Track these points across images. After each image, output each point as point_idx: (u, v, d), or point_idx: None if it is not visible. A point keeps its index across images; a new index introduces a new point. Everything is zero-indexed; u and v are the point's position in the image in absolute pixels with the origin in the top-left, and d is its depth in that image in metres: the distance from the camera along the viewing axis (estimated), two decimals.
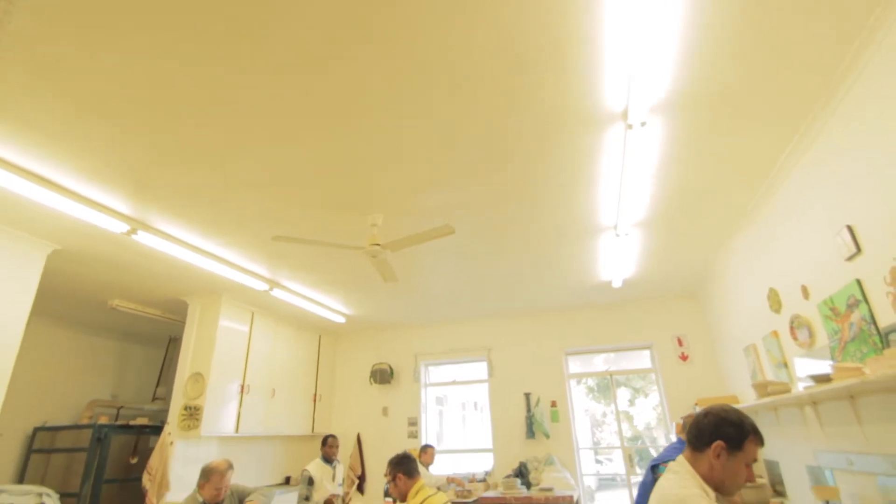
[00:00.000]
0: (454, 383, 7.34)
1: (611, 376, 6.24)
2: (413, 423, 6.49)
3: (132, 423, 5.38)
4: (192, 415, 4.72)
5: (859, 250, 2.32)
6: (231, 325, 5.27)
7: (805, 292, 2.94)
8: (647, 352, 6.16)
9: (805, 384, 2.77)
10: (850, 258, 2.40)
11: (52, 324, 5.71)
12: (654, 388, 6.05)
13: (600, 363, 7.05)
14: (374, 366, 6.81)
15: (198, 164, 2.84)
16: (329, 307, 5.84)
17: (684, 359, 5.70)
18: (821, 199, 2.66)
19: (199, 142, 2.63)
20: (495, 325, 6.59)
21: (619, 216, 3.62)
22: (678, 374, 5.63)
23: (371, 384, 6.79)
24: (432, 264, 4.58)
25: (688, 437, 1.51)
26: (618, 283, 5.24)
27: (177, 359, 5.15)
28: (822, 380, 2.24)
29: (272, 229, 3.67)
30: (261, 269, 4.54)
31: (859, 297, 2.34)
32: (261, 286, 4.79)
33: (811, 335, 2.95)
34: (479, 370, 6.64)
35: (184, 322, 5.24)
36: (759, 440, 1.46)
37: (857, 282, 2.35)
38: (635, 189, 3.26)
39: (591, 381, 10.41)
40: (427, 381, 6.85)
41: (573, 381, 6.31)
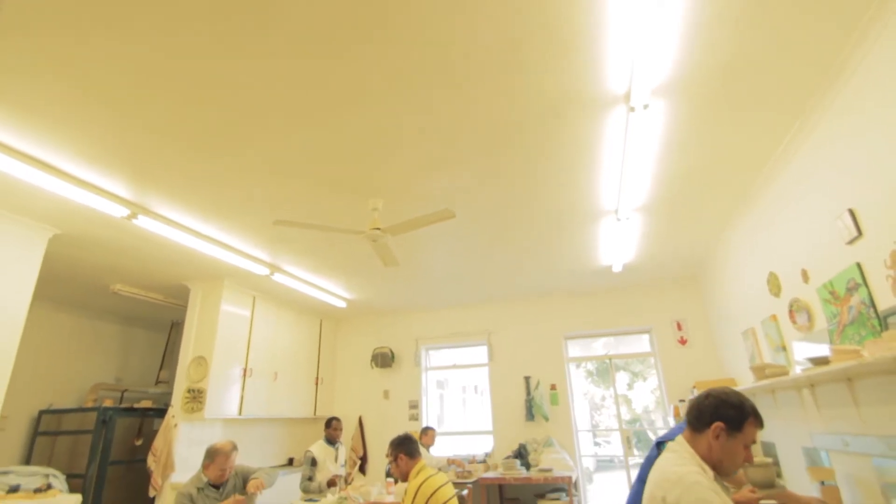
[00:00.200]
0: (455, 367, 7.40)
1: (610, 360, 6.29)
2: (414, 405, 6.57)
3: (136, 405, 5.45)
4: (196, 398, 4.78)
5: (860, 234, 2.32)
6: (233, 310, 5.30)
7: (805, 276, 2.95)
8: (646, 336, 6.20)
9: (803, 367, 2.79)
10: (851, 242, 2.40)
11: (55, 308, 5.74)
12: (653, 371, 6.11)
13: (599, 347, 7.10)
14: (375, 350, 6.86)
15: (197, 148, 2.82)
16: (330, 292, 5.86)
17: (683, 343, 5.74)
18: (822, 183, 2.65)
19: (199, 127, 2.61)
20: (495, 310, 6.62)
21: (620, 200, 3.62)
22: (677, 358, 5.68)
23: (372, 368, 6.86)
24: (433, 249, 4.58)
25: (688, 418, 1.53)
26: (618, 268, 5.25)
27: (179, 343, 5.19)
28: (821, 362, 2.26)
29: (273, 214, 3.67)
30: (262, 254, 4.55)
31: (859, 280, 2.35)
32: (262, 271, 4.80)
33: (810, 319, 2.97)
34: (479, 354, 6.70)
35: (186, 306, 5.27)
36: (759, 422, 1.48)
37: (858, 265, 2.36)
38: (636, 173, 3.24)
39: (590, 365, 10.50)
40: (428, 365, 6.91)
41: (573, 365, 6.37)
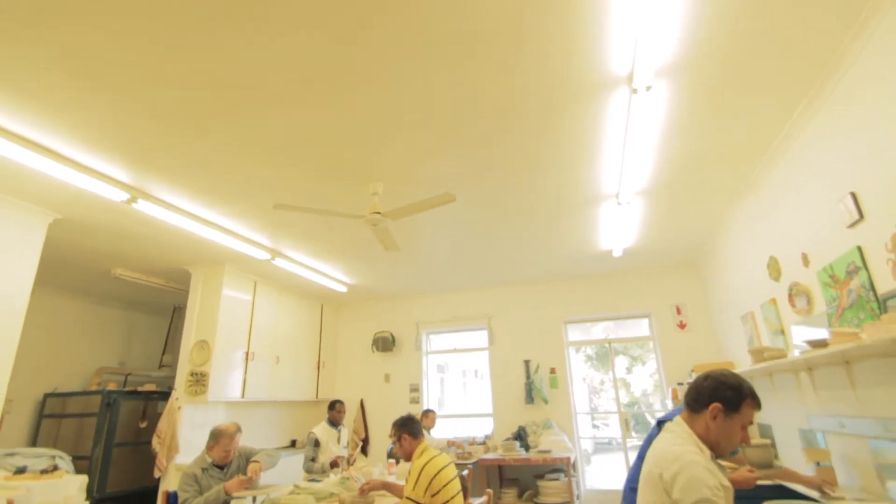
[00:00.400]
0: (455, 351, 7.46)
1: (609, 344, 6.33)
2: (415, 389, 6.63)
3: (140, 389, 5.51)
4: (199, 381, 4.82)
5: (862, 217, 2.32)
6: (234, 295, 5.32)
7: (805, 260, 2.95)
8: (645, 320, 6.24)
9: (801, 350, 2.81)
10: (852, 225, 2.40)
11: (58, 293, 5.77)
12: (652, 356, 6.15)
13: (599, 332, 7.14)
14: (375, 334, 6.91)
15: (196, 132, 2.80)
16: (331, 276, 5.87)
17: (682, 327, 5.77)
18: (825, 167, 2.64)
19: (197, 110, 2.59)
20: (496, 294, 6.65)
21: (622, 184, 3.60)
22: (676, 342, 5.72)
23: (373, 352, 6.91)
24: (433, 233, 4.58)
25: (686, 399, 1.55)
26: (618, 253, 5.25)
27: (182, 327, 5.22)
28: (819, 345, 2.27)
29: (273, 198, 3.66)
30: (262, 239, 4.55)
31: (859, 263, 2.35)
32: (262, 255, 4.80)
33: (809, 302, 2.98)
34: (479, 338, 6.74)
35: (187, 291, 5.29)
36: (756, 404, 1.49)
37: (858, 248, 2.36)
38: (638, 157, 3.22)
39: (590, 349, 10.57)
40: (428, 349, 6.96)
41: (572, 350, 6.42)
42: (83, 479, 3.75)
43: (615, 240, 4.88)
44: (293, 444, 6.26)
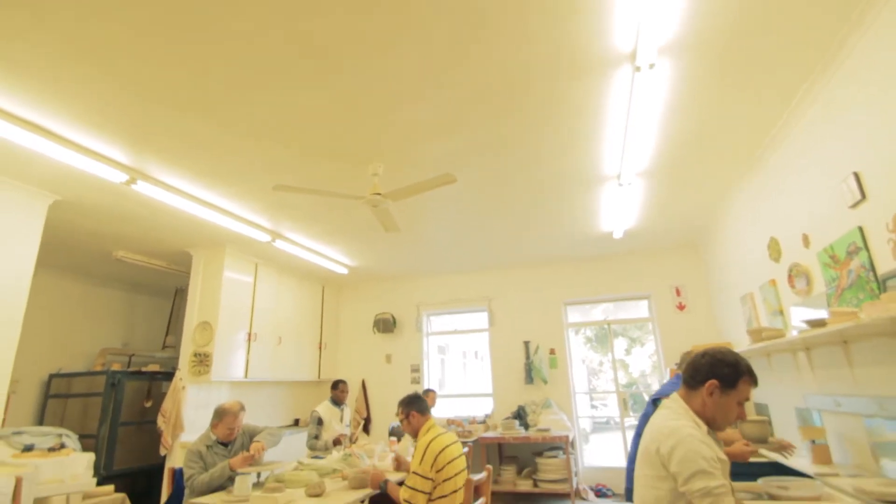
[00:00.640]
0: (455, 332, 7.51)
1: (608, 326, 6.37)
2: (415, 369, 6.70)
3: (144, 369, 5.57)
4: (202, 361, 4.87)
5: (864, 197, 2.31)
6: (235, 277, 5.34)
7: (806, 241, 2.95)
8: (645, 302, 6.26)
9: (800, 330, 2.83)
10: (854, 205, 2.39)
11: (61, 275, 5.79)
12: (651, 337, 6.20)
13: (599, 314, 7.18)
14: (376, 315, 6.95)
15: (194, 112, 2.77)
16: (331, 258, 5.88)
17: (681, 308, 5.80)
18: (829, 146, 2.62)
19: (196, 91, 2.56)
20: (496, 276, 6.67)
21: (623, 165, 3.58)
22: (675, 323, 5.76)
23: (374, 333, 6.96)
24: (434, 215, 4.57)
25: (683, 375, 1.57)
26: (618, 234, 5.25)
27: (184, 309, 5.25)
28: (818, 324, 2.29)
29: (273, 179, 3.64)
30: (262, 221, 4.54)
31: (860, 244, 2.35)
32: (263, 237, 4.80)
33: (809, 283, 2.99)
34: (479, 320, 6.78)
35: (189, 273, 5.31)
36: (753, 380, 1.51)
37: (859, 229, 2.35)
38: (640, 137, 3.20)
39: (589, 332, 10.64)
40: (429, 331, 7.01)
41: (572, 332, 6.46)
42: (90, 457, 3.82)
43: (616, 221, 4.87)
44: (296, 423, 6.36)
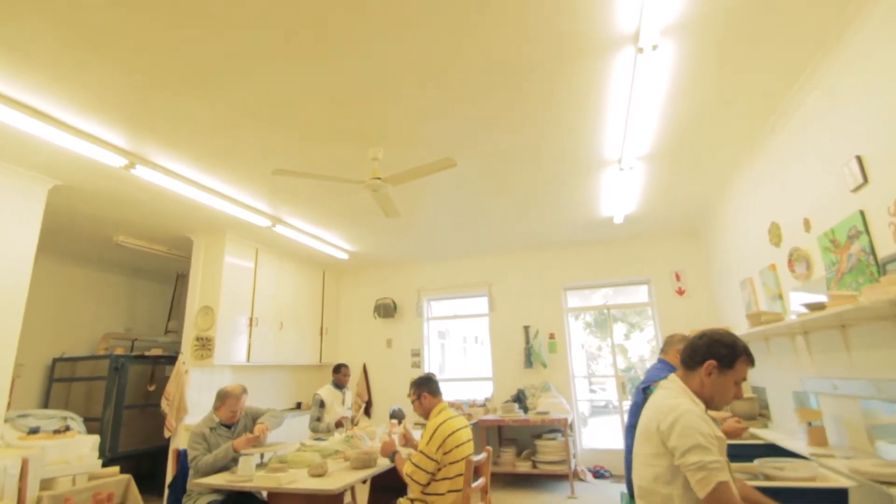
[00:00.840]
0: (455, 317, 7.56)
1: (608, 311, 6.40)
2: (416, 354, 6.75)
3: (147, 353, 5.61)
4: (205, 345, 4.91)
5: (866, 181, 2.30)
6: (236, 262, 5.35)
7: (807, 225, 2.94)
8: (644, 287, 6.28)
9: (799, 314, 2.84)
10: (856, 189, 2.38)
11: (63, 261, 5.82)
12: (650, 322, 6.23)
13: (598, 299, 7.20)
14: (377, 300, 6.98)
15: (192, 96, 2.75)
16: (332, 244, 5.89)
17: (681, 293, 5.81)
18: (831, 130, 2.60)
19: (193, 73, 2.54)
20: (496, 261, 6.67)
21: (624, 149, 3.56)
22: (674, 308, 5.78)
23: (375, 318, 7.00)
24: (434, 199, 4.56)
25: (682, 357, 1.58)
26: (619, 219, 5.24)
27: (185, 294, 5.28)
28: (817, 307, 2.30)
29: (272, 164, 3.62)
30: (262, 206, 4.54)
31: (861, 228, 2.35)
32: (263, 222, 4.80)
33: (809, 268, 2.99)
34: (480, 305, 6.81)
35: (190, 258, 5.32)
36: (750, 361, 1.53)
37: (861, 213, 2.35)
38: (642, 120, 3.17)
39: (588, 317, 10.70)
40: (429, 315, 7.05)
41: (571, 317, 6.49)
42: (95, 439, 3.87)
43: (616, 206, 4.86)
44: (298, 406, 6.43)
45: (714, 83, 2.81)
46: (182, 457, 3.05)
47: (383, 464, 2.91)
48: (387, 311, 6.87)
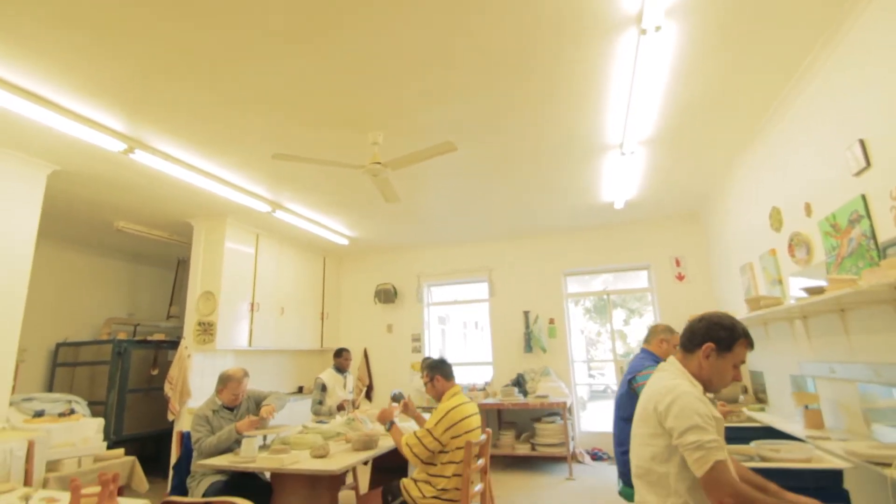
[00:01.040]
0: (456, 303, 7.59)
1: (607, 296, 6.42)
2: (416, 339, 6.80)
3: (149, 338, 5.65)
4: (206, 330, 4.94)
5: (869, 164, 2.29)
6: (237, 248, 5.35)
7: (808, 209, 2.94)
8: (644, 272, 6.29)
9: (798, 297, 2.85)
10: (859, 173, 2.37)
11: (65, 247, 5.82)
12: (650, 308, 6.25)
13: (598, 285, 7.23)
14: (377, 286, 7.00)
15: (190, 80, 2.72)
16: (332, 229, 5.88)
17: (681, 279, 5.82)
18: (835, 114, 2.57)
19: (190, 55, 2.50)
20: (497, 247, 6.68)
21: (626, 133, 3.53)
22: (674, 294, 5.79)
23: (375, 303, 7.02)
24: (434, 184, 4.54)
25: (681, 339, 1.60)
26: (619, 205, 5.22)
27: (187, 279, 5.29)
28: (816, 291, 2.30)
29: (271, 148, 3.60)
30: (262, 191, 4.52)
31: (862, 212, 2.34)
32: (263, 208, 4.79)
33: (809, 252, 2.99)
34: (480, 290, 6.83)
35: (190, 244, 5.32)
36: (749, 343, 1.54)
37: (862, 197, 2.34)
38: (644, 104, 3.14)
39: (588, 303, 10.75)
40: (430, 301, 7.08)
41: (571, 303, 6.51)
42: (100, 422, 3.92)
43: (617, 192, 4.84)
44: (300, 390, 6.49)
45: (717, 65, 2.78)
46: (186, 439, 3.09)
47: (384, 445, 2.95)
48: (387, 296, 6.90)
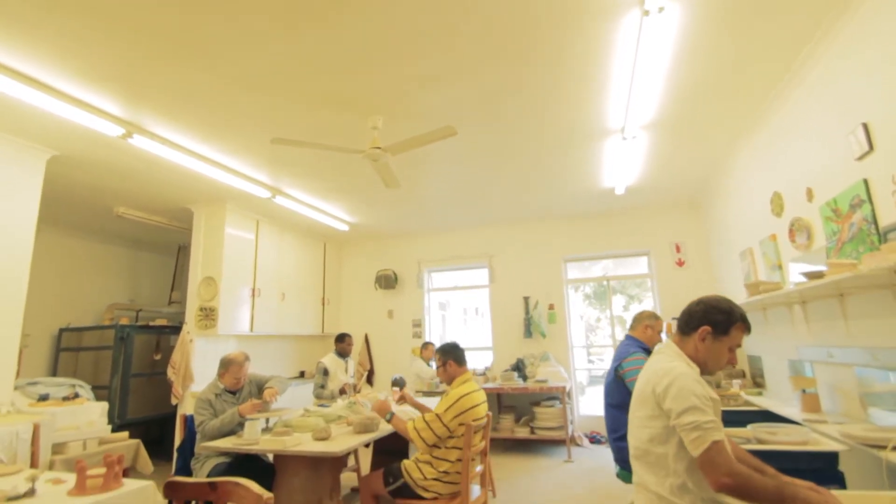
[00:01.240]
0: (456, 288, 7.61)
1: (607, 282, 6.44)
2: (417, 324, 6.83)
3: (152, 324, 5.69)
4: (208, 315, 4.97)
5: (871, 149, 2.27)
6: (237, 233, 5.35)
7: (809, 194, 2.92)
8: (644, 258, 6.29)
9: (798, 282, 2.85)
10: (861, 157, 2.36)
11: (65, 233, 5.83)
12: (649, 294, 6.26)
13: (598, 271, 7.23)
14: (378, 272, 7.01)
15: (189, 64, 2.69)
16: (332, 215, 5.88)
17: (681, 265, 5.83)
18: (838, 97, 2.55)
19: (188, 38, 2.48)
20: (497, 233, 6.67)
21: (628, 118, 3.50)
22: (673, 280, 5.81)
23: (376, 289, 7.05)
24: (435, 170, 4.52)
25: (678, 322, 1.61)
26: (620, 191, 5.21)
27: (188, 265, 5.31)
28: (816, 276, 2.30)
29: (271, 133, 3.58)
30: (262, 176, 4.51)
31: (864, 196, 2.33)
32: (263, 193, 4.78)
33: (809, 237, 2.99)
34: (480, 276, 6.85)
35: (191, 230, 5.32)
36: (746, 327, 1.55)
37: (864, 181, 2.33)
38: (645, 87, 3.11)
39: (588, 289, 10.77)
40: (430, 287, 7.10)
41: (571, 289, 6.53)
42: (104, 406, 3.97)
43: (618, 177, 4.82)
44: (302, 374, 6.55)
45: (722, 48, 2.75)
46: (189, 422, 3.12)
47: (385, 428, 2.98)
48: (388, 282, 6.92)
